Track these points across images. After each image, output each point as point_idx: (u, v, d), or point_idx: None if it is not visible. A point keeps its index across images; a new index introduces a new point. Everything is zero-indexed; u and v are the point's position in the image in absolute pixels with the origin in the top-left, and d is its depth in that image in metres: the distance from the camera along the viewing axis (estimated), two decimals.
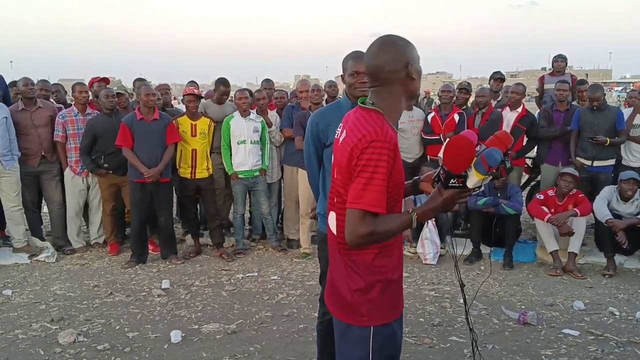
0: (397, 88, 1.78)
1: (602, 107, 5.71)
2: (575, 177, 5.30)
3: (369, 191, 1.63)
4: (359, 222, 1.65)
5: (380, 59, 1.76)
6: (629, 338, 3.69)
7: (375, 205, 1.64)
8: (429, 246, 5.49)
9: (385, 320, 1.82)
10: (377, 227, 1.66)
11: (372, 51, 1.79)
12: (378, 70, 1.76)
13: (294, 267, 5.36)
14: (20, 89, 5.60)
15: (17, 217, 5.51)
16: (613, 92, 41.38)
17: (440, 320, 3.95)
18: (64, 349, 3.53)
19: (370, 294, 1.79)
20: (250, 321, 4.00)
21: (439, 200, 1.76)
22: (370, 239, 1.68)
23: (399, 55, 1.76)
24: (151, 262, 5.48)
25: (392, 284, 1.84)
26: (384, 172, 1.64)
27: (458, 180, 1.73)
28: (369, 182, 1.63)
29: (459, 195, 1.77)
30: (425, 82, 72.75)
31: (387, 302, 1.82)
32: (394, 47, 1.77)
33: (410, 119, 6.07)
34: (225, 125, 5.59)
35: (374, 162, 1.63)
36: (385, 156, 1.64)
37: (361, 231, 1.66)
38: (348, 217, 1.68)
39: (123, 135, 5.18)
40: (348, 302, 1.82)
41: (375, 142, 1.64)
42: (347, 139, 1.74)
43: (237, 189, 5.72)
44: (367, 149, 1.64)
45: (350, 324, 1.83)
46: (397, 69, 1.75)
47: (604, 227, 5.15)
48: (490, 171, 1.72)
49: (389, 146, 1.65)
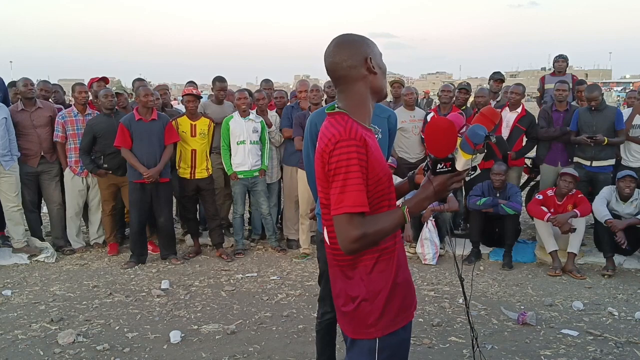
0: (359, 85, 1.72)
1: (601, 107, 5.70)
2: (575, 177, 5.30)
3: (346, 193, 1.57)
4: (347, 226, 1.58)
5: (337, 56, 1.71)
6: (628, 338, 3.69)
7: (356, 205, 1.57)
8: (429, 246, 5.49)
9: (392, 328, 1.73)
10: (368, 228, 1.59)
11: (329, 50, 1.74)
12: (337, 69, 1.71)
13: (293, 267, 5.37)
14: (20, 89, 5.60)
15: (17, 217, 5.51)
16: (613, 92, 41.41)
17: (439, 321, 3.95)
18: (63, 350, 3.53)
19: (376, 303, 1.70)
20: (249, 321, 4.00)
21: (430, 188, 1.69)
22: (364, 241, 1.60)
23: (356, 50, 1.70)
24: (151, 263, 5.48)
25: (399, 287, 1.74)
26: (357, 170, 1.57)
27: (445, 164, 1.67)
28: (345, 183, 1.57)
29: (451, 180, 1.69)
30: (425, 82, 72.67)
31: (394, 309, 1.73)
32: (350, 43, 1.72)
33: (412, 118, 6.08)
34: (225, 126, 5.59)
35: (344, 163, 1.57)
36: (354, 154, 1.57)
37: (352, 235, 1.58)
38: (336, 225, 1.62)
39: (122, 136, 5.18)
40: (353, 314, 1.73)
41: (340, 142, 1.58)
42: (318, 147, 1.69)
43: (236, 189, 5.73)
44: (334, 151, 1.59)
45: (356, 338, 1.75)
46: (356, 65, 1.69)
47: (603, 227, 5.15)
48: (477, 149, 1.68)
49: (356, 143, 1.58)
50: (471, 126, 1.72)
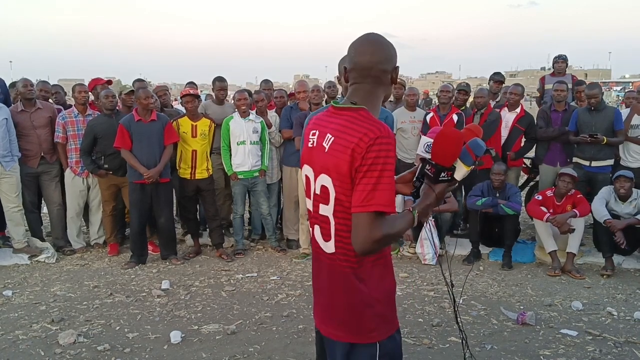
0: (380, 89, 1.73)
1: (600, 108, 5.72)
2: (573, 177, 5.31)
3: (379, 191, 1.52)
4: (372, 225, 1.53)
5: (376, 55, 1.69)
6: (627, 338, 3.70)
7: (387, 204, 1.54)
8: (428, 246, 5.50)
9: (391, 331, 1.74)
10: (389, 229, 1.57)
11: (365, 47, 1.71)
12: (371, 68, 1.69)
13: (293, 267, 5.38)
14: (20, 90, 5.61)
15: (17, 217, 5.51)
16: (612, 92, 41.41)
17: (439, 321, 3.96)
18: (64, 350, 3.54)
19: (377, 307, 1.69)
20: (249, 322, 4.01)
21: (432, 195, 1.76)
22: (384, 242, 1.58)
23: (392, 56, 1.72)
24: (151, 263, 5.49)
25: (391, 292, 1.76)
26: (392, 170, 1.56)
27: (447, 173, 1.74)
28: (379, 181, 1.53)
29: (448, 188, 1.78)
30: (424, 82, 72.67)
31: (391, 312, 1.75)
32: (388, 47, 1.72)
33: (412, 119, 6.09)
34: (225, 126, 5.60)
35: (382, 160, 1.53)
36: (392, 152, 1.56)
37: (376, 235, 1.54)
38: (357, 222, 1.55)
39: (121, 137, 5.19)
40: (353, 319, 1.70)
41: (380, 138, 1.54)
42: (341, 142, 1.61)
43: (236, 190, 5.74)
44: (374, 147, 1.54)
45: (357, 343, 1.71)
46: (388, 70, 1.71)
47: (602, 228, 5.16)
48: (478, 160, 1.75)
49: (392, 141, 1.58)
50: (473, 139, 1.76)
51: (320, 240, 1.76)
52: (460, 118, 5.96)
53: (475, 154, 1.72)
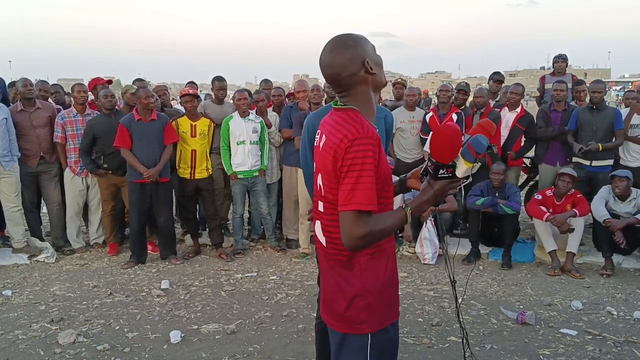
0: (361, 88, 1.73)
1: (601, 107, 5.72)
2: (573, 177, 5.31)
3: (358, 190, 1.59)
4: (355, 223, 1.61)
5: (335, 66, 1.70)
6: (627, 337, 3.70)
7: (367, 203, 1.59)
8: (428, 246, 5.50)
9: (383, 324, 1.77)
10: (374, 226, 1.62)
11: (325, 59, 1.73)
12: (337, 78, 1.71)
13: (292, 267, 5.38)
14: (19, 89, 5.60)
15: (17, 217, 5.51)
16: (612, 92, 41.39)
17: (439, 320, 3.96)
18: (63, 350, 3.53)
19: (369, 299, 1.73)
20: (249, 321, 4.01)
21: (431, 192, 1.76)
22: (369, 239, 1.64)
23: (352, 56, 1.69)
24: (150, 263, 5.49)
25: (390, 286, 1.80)
26: (371, 169, 1.60)
27: (447, 170, 1.74)
28: (358, 180, 1.59)
29: (449, 185, 1.76)
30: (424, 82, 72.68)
31: (384, 306, 1.77)
32: (344, 49, 1.70)
33: (411, 119, 6.09)
34: (225, 126, 5.60)
35: (360, 160, 1.59)
36: (370, 152, 1.60)
37: (358, 232, 1.61)
38: (342, 220, 1.63)
39: (121, 136, 5.19)
40: (345, 310, 1.76)
41: (358, 139, 1.60)
42: (328, 142, 1.69)
43: (236, 189, 5.73)
44: (351, 148, 1.60)
45: (348, 333, 1.78)
46: (355, 71, 1.69)
47: (602, 227, 5.16)
48: (478, 158, 1.73)
49: (372, 142, 1.61)
50: (475, 136, 1.75)
51: (319, 234, 1.86)
52: (460, 117, 5.96)
53: (476, 151, 1.71)
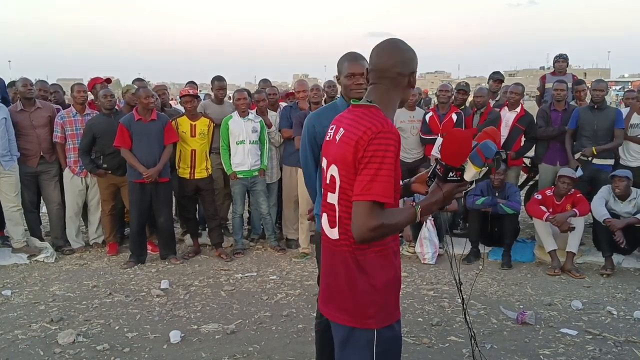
0: (396, 91, 1.84)
1: (603, 107, 5.72)
2: (572, 179, 5.30)
3: (377, 182, 1.62)
4: (369, 214, 1.63)
5: (393, 58, 1.81)
6: (627, 337, 3.70)
7: (384, 195, 1.63)
8: (428, 246, 5.50)
9: (389, 321, 1.81)
10: (387, 220, 1.65)
11: (384, 50, 1.84)
12: (387, 69, 1.81)
13: (292, 267, 5.37)
14: (19, 89, 5.60)
15: (17, 217, 5.51)
16: (611, 91, 41.37)
17: (439, 320, 3.96)
18: (63, 350, 3.53)
19: (376, 295, 1.76)
20: (249, 321, 4.01)
21: (440, 194, 1.81)
22: (380, 232, 1.66)
23: (410, 61, 1.83)
24: (150, 262, 5.49)
25: (395, 283, 1.83)
26: (391, 163, 1.64)
27: (456, 173, 1.79)
28: (377, 172, 1.63)
29: (457, 188, 1.82)
30: (423, 81, 72.72)
31: (391, 303, 1.81)
32: (406, 52, 1.84)
33: (411, 118, 6.09)
34: (224, 126, 5.59)
35: (381, 153, 1.63)
36: (392, 147, 1.65)
37: (372, 224, 1.63)
38: (356, 210, 1.66)
39: (121, 136, 5.19)
40: (353, 304, 1.78)
41: (382, 133, 1.65)
42: (349, 134, 1.74)
43: (236, 189, 5.73)
44: (375, 140, 1.65)
45: (355, 327, 1.80)
46: (404, 74, 1.82)
47: (601, 227, 5.16)
48: (487, 163, 1.77)
49: (395, 137, 1.67)
50: (484, 141, 1.81)
51: (326, 227, 1.89)
52: (460, 117, 5.96)
53: (485, 156, 1.76)
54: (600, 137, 5.66)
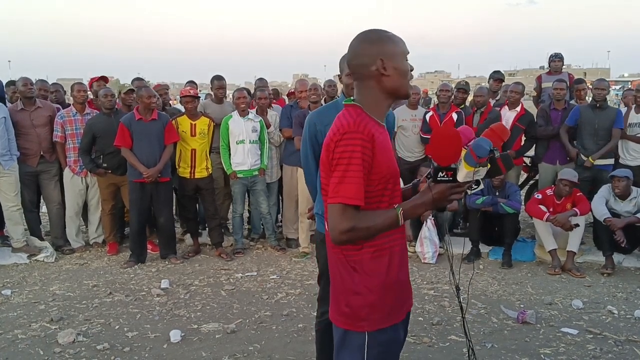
0: (370, 83, 1.74)
1: (604, 106, 5.73)
2: (572, 182, 5.28)
3: (344, 184, 1.59)
4: (340, 217, 1.61)
5: (351, 51, 1.76)
6: (628, 336, 3.70)
7: (351, 197, 1.59)
8: (428, 245, 5.50)
9: (382, 325, 1.75)
10: (359, 223, 1.61)
11: (349, 48, 1.79)
12: (349, 64, 1.77)
13: (293, 266, 5.37)
14: (20, 89, 5.59)
15: (16, 217, 5.50)
16: (611, 91, 41.37)
17: (439, 320, 3.96)
18: (63, 349, 3.53)
19: (368, 298, 1.72)
20: (249, 320, 4.01)
21: (429, 195, 1.70)
22: (353, 235, 1.63)
23: (370, 50, 1.72)
24: (150, 262, 5.48)
25: (392, 285, 1.76)
26: (358, 164, 1.59)
27: (447, 173, 1.68)
28: (344, 174, 1.60)
29: (451, 190, 1.70)
30: (423, 81, 72.73)
31: (386, 306, 1.75)
32: (366, 42, 1.74)
33: (412, 117, 6.09)
34: (224, 125, 5.59)
35: (347, 154, 1.59)
36: (359, 147, 1.60)
37: (342, 226, 1.61)
38: (329, 213, 1.65)
39: (122, 136, 5.18)
40: (346, 306, 1.75)
41: (347, 133, 1.61)
42: (326, 137, 1.73)
43: (236, 189, 5.72)
44: (341, 141, 1.61)
45: (348, 330, 1.77)
46: (367, 64, 1.71)
47: (602, 226, 5.15)
48: (480, 162, 1.68)
49: (362, 137, 1.60)
50: (477, 139, 1.71)
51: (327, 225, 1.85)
52: (460, 117, 5.96)
53: (478, 155, 1.67)
54: (600, 137, 5.66)
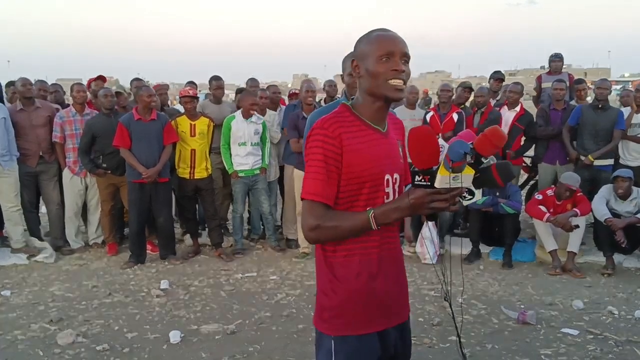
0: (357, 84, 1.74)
1: (606, 107, 5.72)
2: (572, 189, 5.27)
3: (308, 179, 1.61)
4: (307, 212, 1.61)
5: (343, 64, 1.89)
6: (628, 337, 3.69)
7: (315, 193, 1.58)
8: (428, 245, 5.48)
9: (345, 332, 1.67)
10: (324, 221, 1.59)
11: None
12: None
13: (293, 266, 5.36)
14: (19, 89, 5.58)
15: (16, 217, 5.49)
16: (612, 91, 41.36)
17: (439, 320, 3.95)
18: (63, 350, 3.52)
19: (333, 301, 1.68)
20: (249, 321, 4.00)
21: (405, 200, 1.55)
22: (319, 233, 1.61)
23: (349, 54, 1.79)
24: (150, 263, 5.47)
25: (360, 293, 1.67)
26: (319, 160, 1.58)
27: (424, 177, 1.55)
28: (309, 170, 1.61)
29: (430, 197, 1.52)
30: (423, 81, 72.82)
31: (351, 313, 1.67)
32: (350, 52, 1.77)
33: (412, 117, 6.08)
34: (226, 125, 5.57)
35: (312, 151, 1.61)
36: (320, 142, 1.59)
37: (308, 223, 1.61)
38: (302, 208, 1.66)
39: (121, 136, 5.17)
40: (318, 304, 1.75)
41: (314, 130, 1.62)
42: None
43: (237, 188, 5.70)
44: (308, 139, 1.64)
45: (319, 330, 1.74)
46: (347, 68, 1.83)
47: (602, 226, 5.15)
48: (453, 167, 1.51)
49: (325, 133, 1.58)
50: (455, 141, 1.55)
51: None
52: (461, 117, 5.95)
53: (451, 159, 1.51)
54: (601, 137, 5.65)
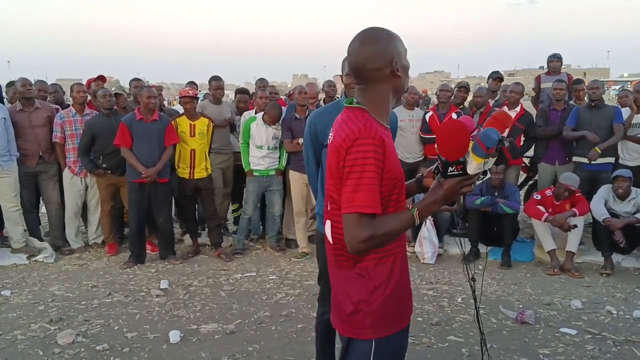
0: (382, 86, 1.67)
1: (601, 105, 5.73)
2: (571, 189, 5.27)
3: (360, 192, 1.54)
4: (357, 226, 1.56)
5: (362, 55, 1.65)
6: (626, 337, 3.70)
7: (368, 205, 1.55)
8: (427, 245, 5.50)
9: (389, 332, 1.72)
10: (377, 230, 1.56)
11: (353, 47, 1.68)
12: (360, 69, 1.66)
13: (292, 266, 5.37)
14: (19, 89, 5.59)
15: (16, 217, 5.50)
16: (610, 91, 41.40)
17: (438, 320, 3.96)
18: (62, 350, 3.53)
19: (374, 305, 1.67)
20: (248, 321, 4.01)
21: (440, 192, 1.66)
22: (372, 242, 1.58)
23: (382, 51, 1.64)
24: (149, 263, 5.48)
25: (398, 292, 1.72)
26: (373, 170, 1.55)
27: (457, 167, 1.64)
28: (359, 182, 1.55)
29: (461, 183, 1.66)
30: (423, 81, 72.65)
31: (391, 313, 1.72)
32: (376, 42, 1.65)
33: (410, 118, 6.09)
34: (246, 126, 5.58)
35: (360, 161, 1.54)
36: (371, 153, 1.55)
37: (361, 236, 1.56)
38: (345, 223, 1.59)
39: (122, 135, 5.18)
40: (350, 314, 1.71)
41: (359, 139, 1.55)
42: (334, 142, 1.66)
43: (250, 187, 5.70)
44: (352, 148, 1.55)
45: (353, 338, 1.73)
46: (381, 67, 1.64)
47: (601, 226, 5.16)
48: (489, 153, 1.63)
49: (374, 142, 1.55)
50: (484, 129, 1.67)
51: (328, 234, 1.81)
52: (460, 117, 5.95)
53: (486, 146, 1.63)
54: (600, 135, 5.66)
